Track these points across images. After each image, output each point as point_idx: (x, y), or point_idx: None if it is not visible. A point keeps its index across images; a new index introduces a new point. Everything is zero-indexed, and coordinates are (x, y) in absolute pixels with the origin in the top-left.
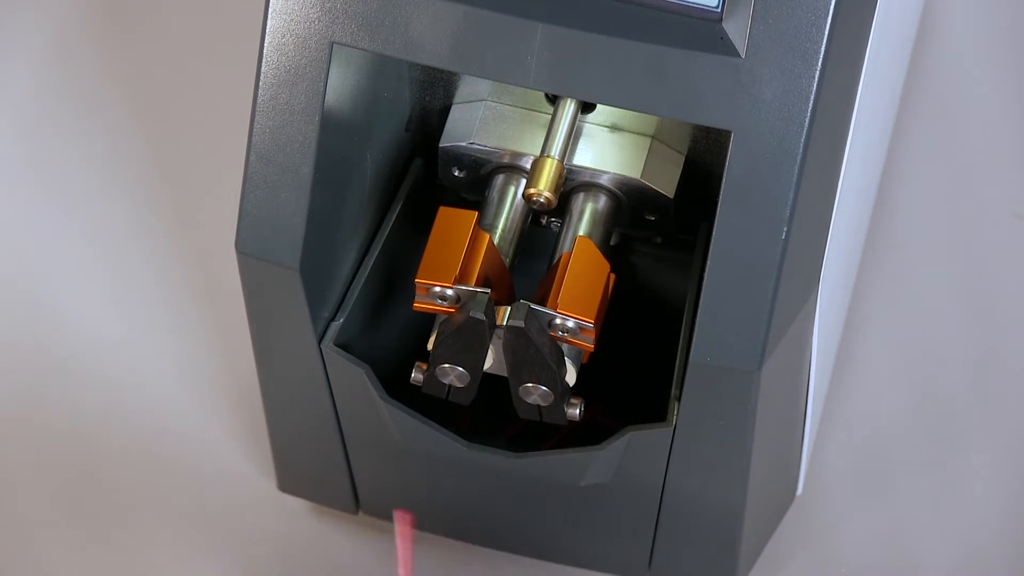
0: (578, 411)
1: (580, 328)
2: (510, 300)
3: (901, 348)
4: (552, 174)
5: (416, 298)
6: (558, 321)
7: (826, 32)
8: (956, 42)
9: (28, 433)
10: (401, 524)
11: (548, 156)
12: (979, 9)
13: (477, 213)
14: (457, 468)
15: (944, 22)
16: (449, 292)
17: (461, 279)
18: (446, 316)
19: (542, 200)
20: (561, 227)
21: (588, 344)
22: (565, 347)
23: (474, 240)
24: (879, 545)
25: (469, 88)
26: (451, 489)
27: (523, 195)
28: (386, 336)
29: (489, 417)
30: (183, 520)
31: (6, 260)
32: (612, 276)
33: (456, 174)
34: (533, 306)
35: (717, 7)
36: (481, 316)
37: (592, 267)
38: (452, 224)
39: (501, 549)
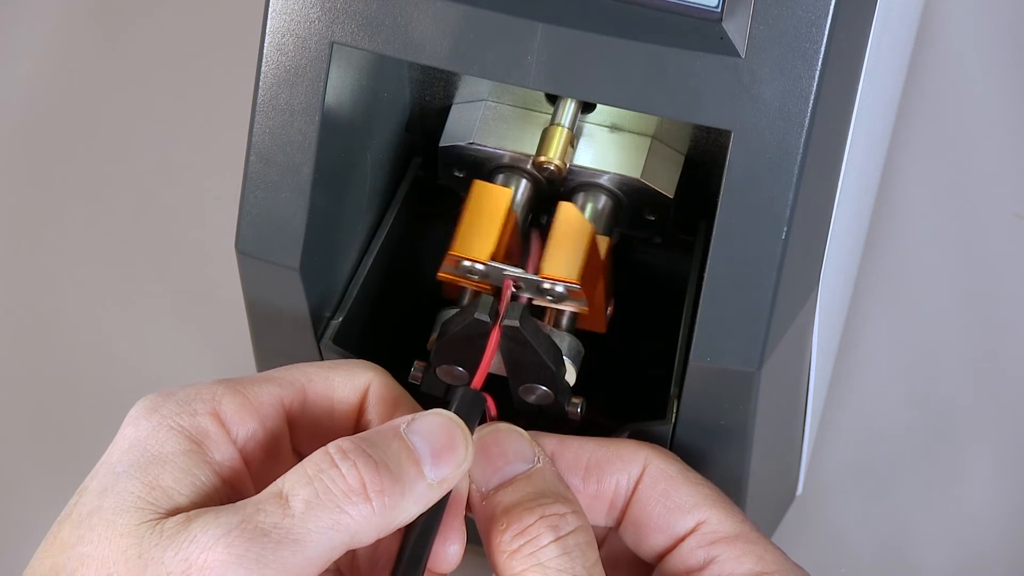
0: (578, 411)
1: (569, 291)
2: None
3: (901, 348)
4: (562, 142)
5: (443, 268)
6: (546, 286)
7: (826, 32)
8: (956, 42)
9: (26, 433)
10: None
11: (558, 124)
12: (979, 9)
13: (512, 190)
14: None
15: (944, 22)
16: (480, 267)
17: (494, 256)
18: (448, 316)
19: (552, 168)
20: None
21: (583, 308)
22: (565, 346)
23: (508, 218)
24: (879, 545)
25: (469, 88)
26: None
27: (532, 164)
28: (386, 335)
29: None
30: None
31: (5, 259)
32: (609, 241)
33: (456, 174)
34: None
35: (717, 7)
36: (486, 318)
37: (575, 229)
38: (488, 199)
39: None
